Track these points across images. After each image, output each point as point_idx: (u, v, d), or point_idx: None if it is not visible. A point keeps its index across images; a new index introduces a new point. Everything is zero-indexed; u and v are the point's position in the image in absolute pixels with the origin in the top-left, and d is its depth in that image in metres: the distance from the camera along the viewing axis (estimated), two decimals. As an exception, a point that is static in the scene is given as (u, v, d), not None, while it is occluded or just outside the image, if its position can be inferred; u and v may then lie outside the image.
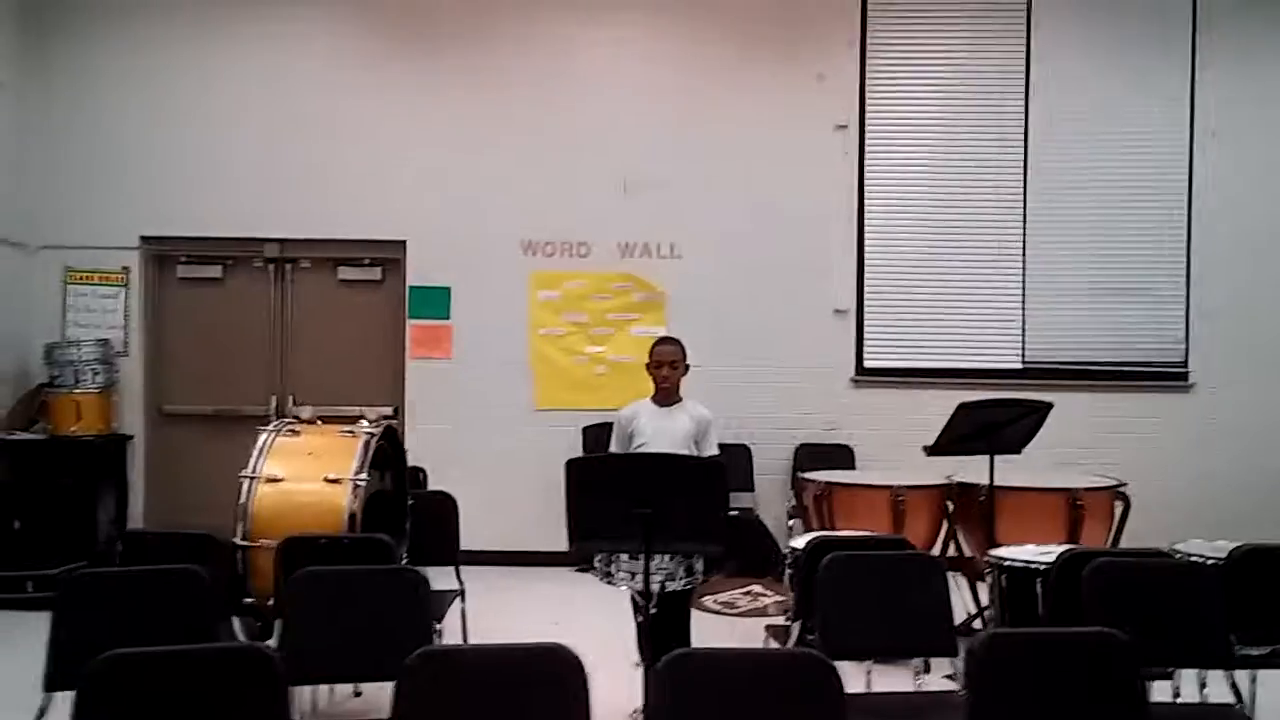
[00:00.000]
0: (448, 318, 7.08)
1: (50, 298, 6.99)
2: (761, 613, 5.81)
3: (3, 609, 5.81)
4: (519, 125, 7.06)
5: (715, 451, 4.26)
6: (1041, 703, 2.44)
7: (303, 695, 3.94)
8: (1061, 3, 7.03)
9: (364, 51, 7.11)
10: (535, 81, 7.07)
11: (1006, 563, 3.76)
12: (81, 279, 7.02)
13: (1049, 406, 4.75)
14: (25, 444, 6.54)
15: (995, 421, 4.59)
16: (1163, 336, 7.07)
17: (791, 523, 6.56)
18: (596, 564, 4.00)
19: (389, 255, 7.14)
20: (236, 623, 3.90)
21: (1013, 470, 4.96)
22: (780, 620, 4.97)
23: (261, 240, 7.10)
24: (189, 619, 3.03)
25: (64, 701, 2.84)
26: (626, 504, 3.30)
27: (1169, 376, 7.04)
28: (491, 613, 4.76)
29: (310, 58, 7.06)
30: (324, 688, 4.20)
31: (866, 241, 7.11)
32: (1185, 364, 7.04)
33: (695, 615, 4.47)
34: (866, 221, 7.11)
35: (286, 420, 4.45)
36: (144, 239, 7.08)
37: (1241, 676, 3.43)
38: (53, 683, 2.90)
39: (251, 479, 4.05)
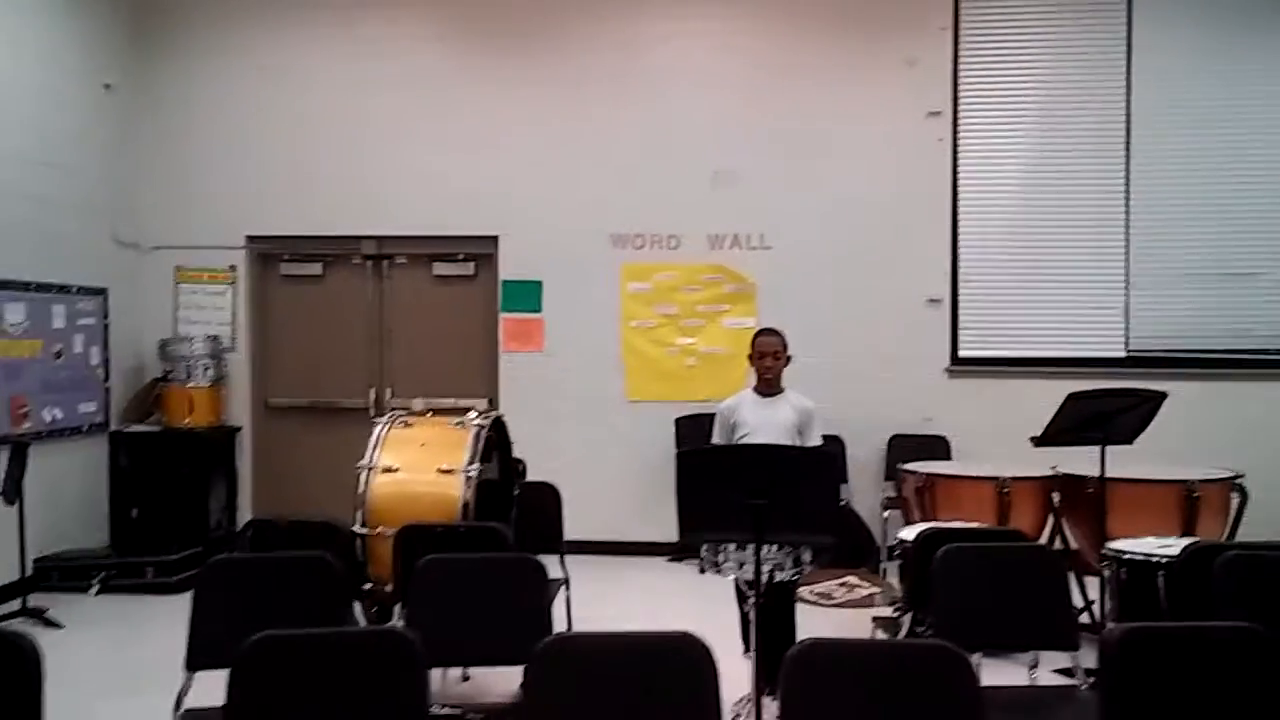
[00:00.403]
0: (540, 311, 7.17)
1: (163, 296, 7.29)
2: (859, 604, 5.77)
3: (124, 593, 6.09)
4: (607, 119, 7.11)
5: (818, 442, 4.27)
6: (1178, 699, 2.38)
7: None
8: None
9: (456, 51, 7.23)
10: (623, 76, 7.11)
11: (1126, 556, 3.68)
12: (191, 277, 7.30)
13: (1163, 396, 4.61)
14: (142, 436, 6.84)
15: (1106, 411, 4.47)
16: (1275, 323, 6.81)
17: (886, 513, 6.53)
18: (704, 554, 4.02)
19: (482, 250, 7.26)
20: (356, 608, 4.03)
21: (1121, 462, 4.82)
22: (887, 612, 4.94)
23: (359, 238, 7.29)
24: (318, 603, 3.14)
25: (199, 680, 2.99)
26: (738, 494, 3.31)
27: (1282, 364, 6.79)
28: (589, 602, 4.83)
29: (404, 59, 7.19)
30: (435, 673, 4.32)
31: (961, 229, 6.98)
32: (1301, 351, 6.78)
33: (796, 607, 4.46)
34: (960, 209, 6.98)
35: (399, 412, 4.58)
36: (249, 239, 7.33)
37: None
38: (195, 662, 3.03)
39: (369, 469, 4.17)
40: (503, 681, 4.23)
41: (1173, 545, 3.58)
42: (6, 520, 5.49)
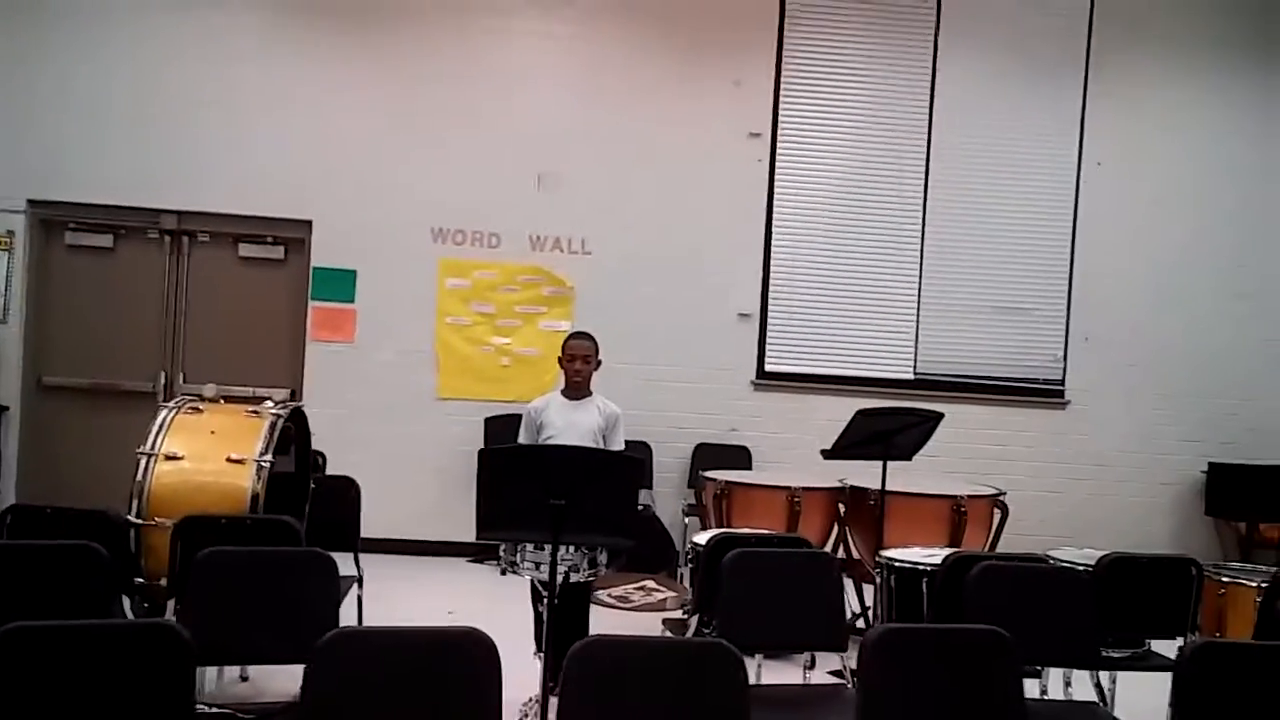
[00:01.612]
0: (352, 301, 6.98)
1: (-76, 257, 6.63)
2: (656, 607, 5.91)
3: None
4: (436, 111, 7.01)
5: (620, 446, 4.34)
6: (928, 695, 2.58)
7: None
8: (966, 28, 7.35)
9: (283, 24, 6.94)
10: (455, 69, 7.03)
11: (896, 564, 3.94)
12: (-40, 240, 6.68)
13: (940, 417, 4.98)
14: (-112, 410, 6.19)
15: (890, 429, 4.79)
16: (1042, 355, 7.47)
17: (688, 520, 6.73)
18: (501, 553, 4.02)
19: (294, 235, 6.99)
20: (126, 603, 3.79)
21: (901, 476, 5.17)
22: (677, 614, 5.09)
23: (158, 211, 6.87)
24: (84, 596, 2.95)
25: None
26: (539, 494, 3.34)
27: (1046, 394, 7.44)
28: (385, 600, 4.73)
29: (227, 26, 6.85)
30: (211, 672, 4.13)
31: (773, 248, 7.30)
32: (1062, 382, 7.45)
33: (590, 608, 4.53)
34: (774, 229, 7.29)
35: (189, 398, 4.34)
36: (31, 202, 6.77)
37: (1104, 676, 3.69)
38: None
39: (149, 456, 3.94)
40: (283, 682, 4.09)
41: (937, 555, 3.87)
42: None
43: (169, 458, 3.95)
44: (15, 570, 2.97)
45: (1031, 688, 3.71)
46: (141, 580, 3.91)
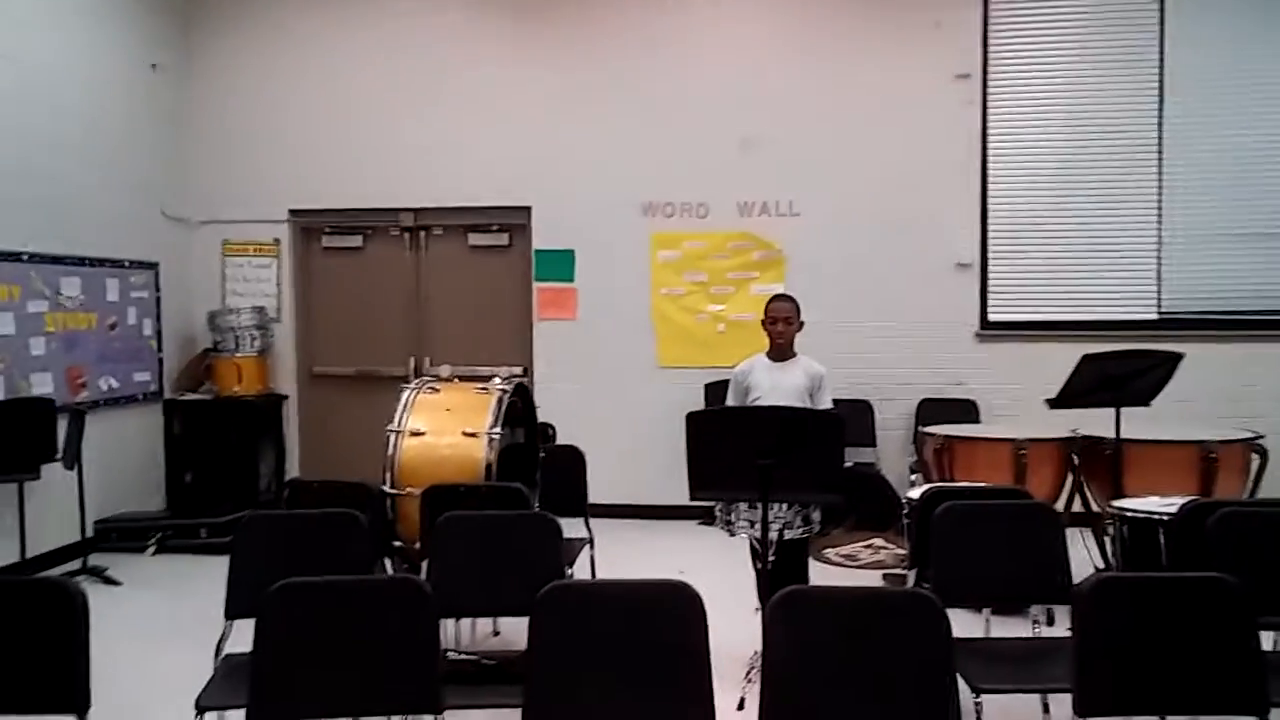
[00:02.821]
0: (572, 280, 7.33)
1: (211, 269, 7.58)
2: (881, 565, 5.89)
3: (179, 553, 6.43)
4: (636, 88, 7.20)
5: (829, 405, 4.37)
6: (1150, 645, 2.48)
7: (446, 631, 4.27)
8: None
9: (487, 24, 7.36)
10: (650, 44, 7.18)
11: (1128, 514, 3.75)
12: (238, 250, 7.58)
13: (1179, 357, 4.63)
14: (194, 404, 7.15)
15: (1121, 374, 4.51)
16: (1310, 283, 6.73)
17: (913, 476, 6.61)
18: (718, 514, 4.17)
19: (515, 221, 7.43)
20: (387, 563, 4.25)
21: (1144, 423, 4.84)
22: (898, 570, 5.06)
23: (397, 210, 7.50)
24: (348, 558, 3.34)
25: (240, 628, 3.22)
26: (745, 455, 3.45)
27: (1317, 326, 6.71)
28: (618, 561, 5.01)
29: (438, 32, 7.35)
30: (466, 625, 4.55)
31: (990, 193, 6.98)
32: (1336, 312, 6.69)
33: (818, 567, 4.59)
34: (990, 172, 6.97)
35: (427, 379, 4.78)
36: (292, 212, 7.58)
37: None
38: (232, 611, 3.26)
39: (397, 433, 4.38)
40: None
41: (1175, 504, 3.64)
42: (68, 484, 5.82)
43: (413, 434, 4.39)
44: (292, 535, 3.41)
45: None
46: (400, 543, 4.37)
